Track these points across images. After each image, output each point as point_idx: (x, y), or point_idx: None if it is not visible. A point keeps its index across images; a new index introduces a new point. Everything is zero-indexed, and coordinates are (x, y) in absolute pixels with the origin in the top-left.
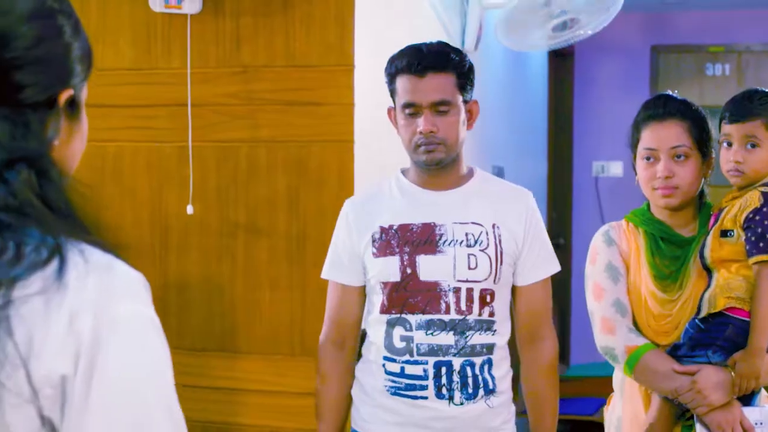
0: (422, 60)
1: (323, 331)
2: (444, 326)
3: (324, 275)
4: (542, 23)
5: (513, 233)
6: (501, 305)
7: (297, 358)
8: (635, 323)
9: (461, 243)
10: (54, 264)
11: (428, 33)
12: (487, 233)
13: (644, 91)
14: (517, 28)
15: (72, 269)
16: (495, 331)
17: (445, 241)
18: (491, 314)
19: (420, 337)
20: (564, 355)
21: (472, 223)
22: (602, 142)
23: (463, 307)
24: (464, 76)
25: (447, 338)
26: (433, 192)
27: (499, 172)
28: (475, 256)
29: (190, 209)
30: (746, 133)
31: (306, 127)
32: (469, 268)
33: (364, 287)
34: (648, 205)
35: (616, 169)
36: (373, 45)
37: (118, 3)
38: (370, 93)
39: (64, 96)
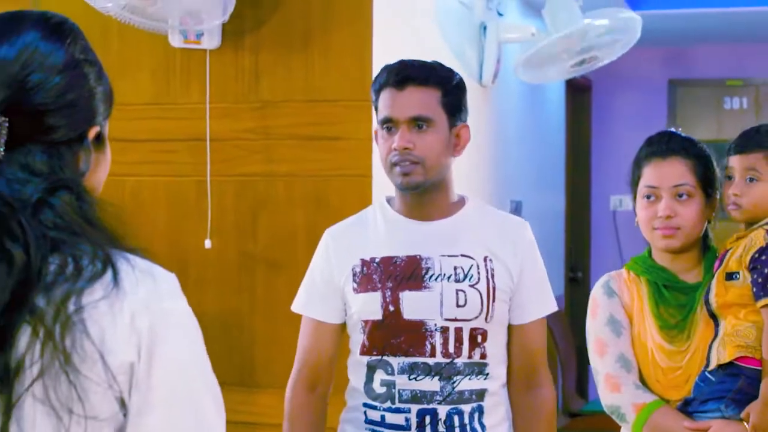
0: (402, 72)
1: (293, 371)
2: (428, 370)
3: (296, 308)
4: (563, 60)
5: (507, 267)
6: (495, 346)
7: None
8: (642, 379)
9: (449, 278)
10: (109, 273)
11: None
12: (478, 267)
13: (662, 125)
14: (538, 64)
15: (124, 276)
16: (487, 374)
17: (431, 276)
18: (483, 356)
19: (402, 383)
20: (582, 389)
21: (462, 255)
22: (620, 176)
23: (451, 348)
24: (451, 93)
25: (432, 384)
26: (419, 222)
27: (517, 207)
28: (464, 292)
29: (208, 243)
30: (747, 165)
31: (324, 162)
32: (458, 306)
33: (341, 325)
34: (649, 251)
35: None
36: None
37: (137, 38)
38: None
39: (92, 133)
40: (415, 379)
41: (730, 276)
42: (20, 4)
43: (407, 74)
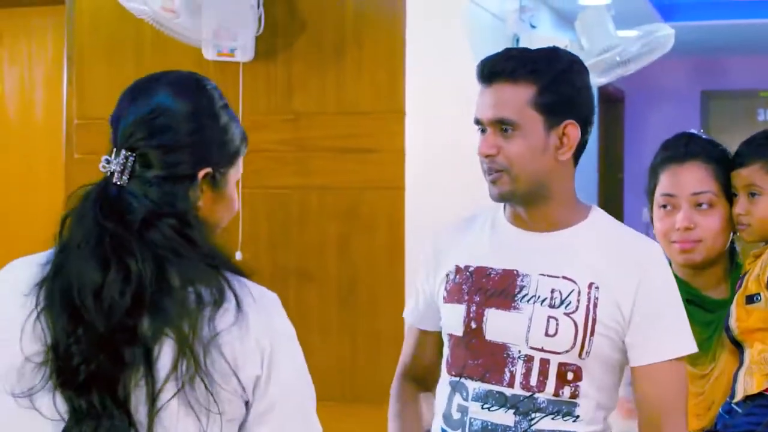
0: (490, 64)
1: (395, 375)
2: (503, 401)
3: (404, 314)
4: (595, 74)
5: (617, 298)
6: (593, 387)
7: (348, 404)
8: None
9: (543, 301)
10: (231, 299)
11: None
12: (579, 293)
13: None
14: None
15: (244, 300)
16: (577, 417)
17: (524, 296)
18: (573, 396)
19: (475, 411)
20: None
21: (564, 278)
22: None
23: (533, 381)
24: (549, 89)
25: (505, 417)
26: (525, 233)
27: None
28: (556, 320)
29: (239, 255)
30: (746, 180)
31: (357, 174)
32: (547, 335)
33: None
34: (671, 264)
35: None
36: (424, 92)
37: (171, 51)
38: (422, 139)
39: (201, 173)
40: (488, 409)
41: (750, 299)
42: (56, 13)
43: (494, 67)
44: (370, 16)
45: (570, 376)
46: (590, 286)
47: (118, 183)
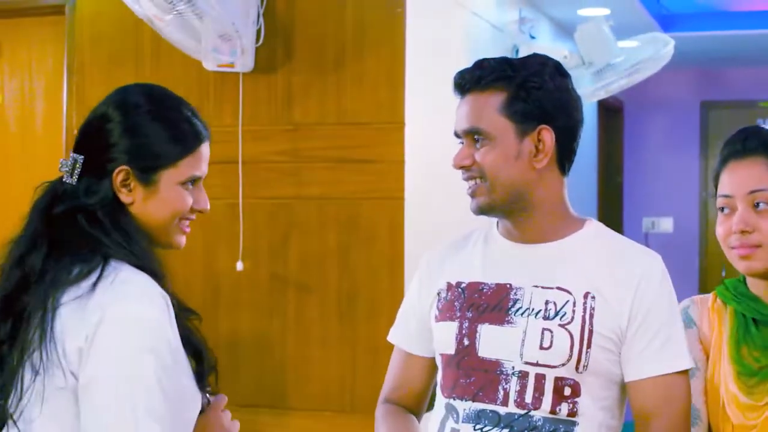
0: (461, 76)
1: (378, 400)
2: (497, 421)
3: (389, 337)
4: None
5: (614, 308)
6: (593, 404)
7: (348, 415)
8: None
9: (537, 313)
10: (93, 278)
11: None
12: (574, 304)
13: (694, 147)
14: None
15: (101, 284)
16: None
17: (518, 310)
18: (572, 413)
19: None
20: None
21: (558, 288)
22: (653, 198)
23: (528, 398)
24: (520, 95)
25: None
26: (518, 245)
27: None
28: (551, 332)
29: (239, 266)
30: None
31: (357, 185)
32: (541, 348)
33: (433, 359)
34: (745, 279)
35: (666, 225)
36: (424, 103)
37: (171, 61)
38: (421, 150)
39: (116, 172)
40: (480, 429)
41: None
42: (57, 24)
43: (464, 78)
44: (371, 27)
45: (567, 391)
46: (586, 295)
47: (67, 181)
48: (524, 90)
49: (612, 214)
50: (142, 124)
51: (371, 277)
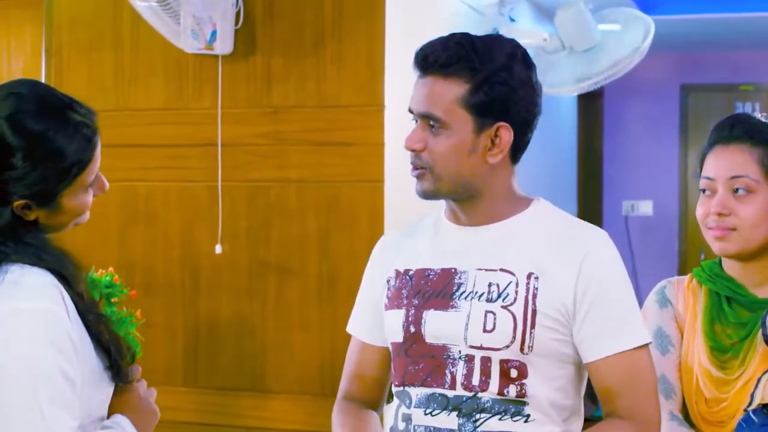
0: (426, 53)
1: (339, 390)
2: (446, 404)
3: (347, 327)
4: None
5: (558, 288)
6: (544, 385)
7: (327, 398)
8: (685, 409)
9: (481, 296)
10: None
11: None
12: (517, 284)
13: (674, 130)
14: (546, 70)
15: None
16: (528, 417)
17: (462, 293)
18: (520, 395)
19: (418, 417)
20: (593, 394)
21: (501, 270)
22: (632, 181)
23: (475, 381)
24: (483, 88)
25: (448, 420)
26: (462, 228)
27: None
28: (494, 314)
29: (218, 249)
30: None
31: (336, 167)
32: (485, 331)
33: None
34: (721, 260)
35: (645, 208)
36: (403, 86)
37: (150, 44)
38: (401, 133)
39: (16, 204)
40: (430, 414)
41: None
42: (35, 5)
43: (429, 57)
44: (350, 9)
45: (514, 373)
46: (529, 276)
47: None
48: (488, 85)
49: (592, 197)
50: (43, 155)
51: (351, 261)
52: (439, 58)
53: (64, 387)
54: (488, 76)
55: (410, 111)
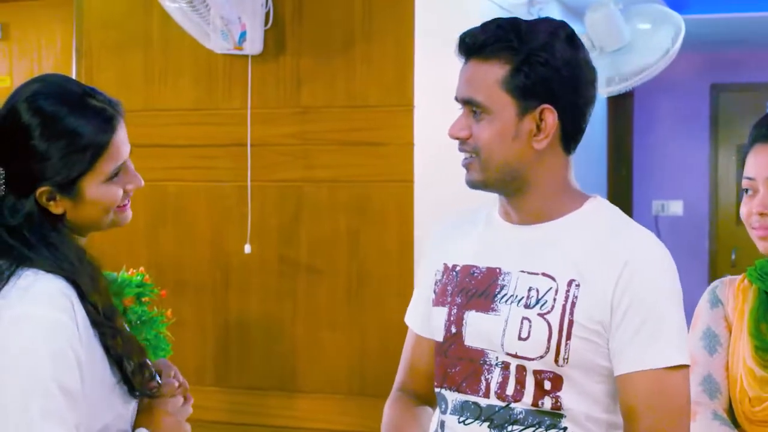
0: (465, 38)
1: (395, 380)
2: (478, 414)
3: (405, 317)
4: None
5: (597, 297)
6: (579, 399)
7: (356, 397)
8: (731, 409)
9: (520, 301)
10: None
11: None
12: (556, 291)
13: (704, 130)
14: None
15: (8, 288)
16: (564, 430)
17: (504, 296)
18: (556, 407)
19: (451, 425)
20: None
21: (543, 274)
22: (662, 181)
23: (509, 390)
24: (524, 69)
25: (480, 431)
26: (511, 227)
27: None
28: (530, 321)
29: (248, 248)
30: None
31: (366, 167)
32: (520, 338)
33: None
34: None
35: (676, 207)
36: (433, 85)
37: (180, 45)
38: (430, 133)
39: (38, 192)
40: (463, 422)
41: None
42: (65, 5)
43: (468, 42)
44: (379, 9)
45: (548, 385)
46: (570, 283)
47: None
48: (528, 65)
49: (622, 197)
50: (59, 135)
51: (380, 260)
52: (478, 40)
53: (60, 399)
54: (528, 56)
55: (456, 99)
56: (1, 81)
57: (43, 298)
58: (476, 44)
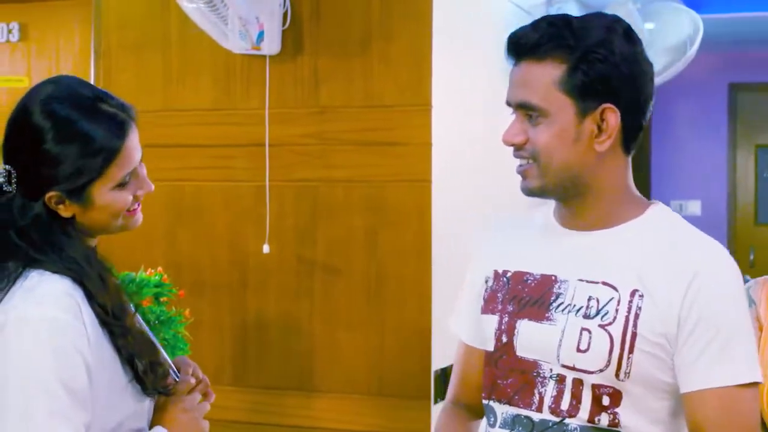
0: (515, 38)
1: (447, 393)
2: (530, 428)
3: (452, 324)
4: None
5: (663, 309)
6: (638, 416)
7: (374, 397)
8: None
9: (578, 311)
10: (6, 286)
11: (506, 74)
12: (619, 302)
13: (722, 130)
14: None
15: (15, 289)
16: None
17: (560, 305)
18: (614, 424)
19: None
20: None
21: (603, 283)
22: (680, 181)
23: (564, 405)
24: (582, 67)
25: None
26: (568, 232)
27: None
28: (590, 332)
29: (266, 248)
30: None
31: (383, 167)
32: (578, 350)
33: None
34: None
35: (694, 207)
36: (451, 85)
37: (198, 45)
38: (448, 132)
39: (48, 196)
40: None
41: None
42: (84, 5)
43: (519, 42)
44: (397, 9)
45: (606, 400)
46: (633, 293)
47: (6, 189)
48: (586, 63)
49: None
50: (71, 139)
51: (398, 261)
52: (530, 39)
53: (65, 399)
54: (585, 53)
55: (507, 104)
56: (20, 81)
57: (48, 299)
58: (528, 44)
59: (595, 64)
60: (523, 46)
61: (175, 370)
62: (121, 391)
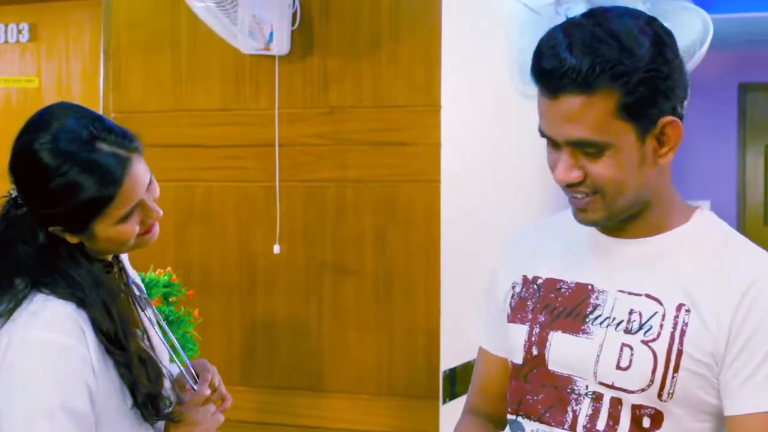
0: (554, 71)
1: (465, 401)
2: None
3: (473, 331)
4: None
5: (712, 325)
6: None
7: (383, 398)
8: None
9: (619, 324)
10: (11, 307)
11: (515, 73)
12: (664, 316)
13: (732, 130)
14: None
15: (20, 312)
16: None
17: (597, 318)
18: None
19: None
20: None
21: (647, 296)
22: (689, 181)
23: (600, 425)
24: (637, 88)
25: None
26: (609, 239)
27: None
28: (631, 348)
29: (276, 249)
30: None
31: (393, 167)
32: (618, 367)
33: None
34: None
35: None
36: (460, 85)
37: (208, 45)
38: (457, 133)
39: (51, 229)
40: None
41: None
42: (93, 6)
43: (561, 75)
44: (406, 9)
45: (646, 422)
46: (679, 308)
47: (20, 211)
48: (643, 85)
49: None
50: (62, 190)
51: (408, 261)
52: (575, 74)
53: (65, 422)
54: (643, 76)
55: (543, 135)
56: (30, 82)
57: (51, 323)
58: (574, 76)
59: (652, 82)
60: (566, 77)
61: (194, 374)
62: (126, 415)
